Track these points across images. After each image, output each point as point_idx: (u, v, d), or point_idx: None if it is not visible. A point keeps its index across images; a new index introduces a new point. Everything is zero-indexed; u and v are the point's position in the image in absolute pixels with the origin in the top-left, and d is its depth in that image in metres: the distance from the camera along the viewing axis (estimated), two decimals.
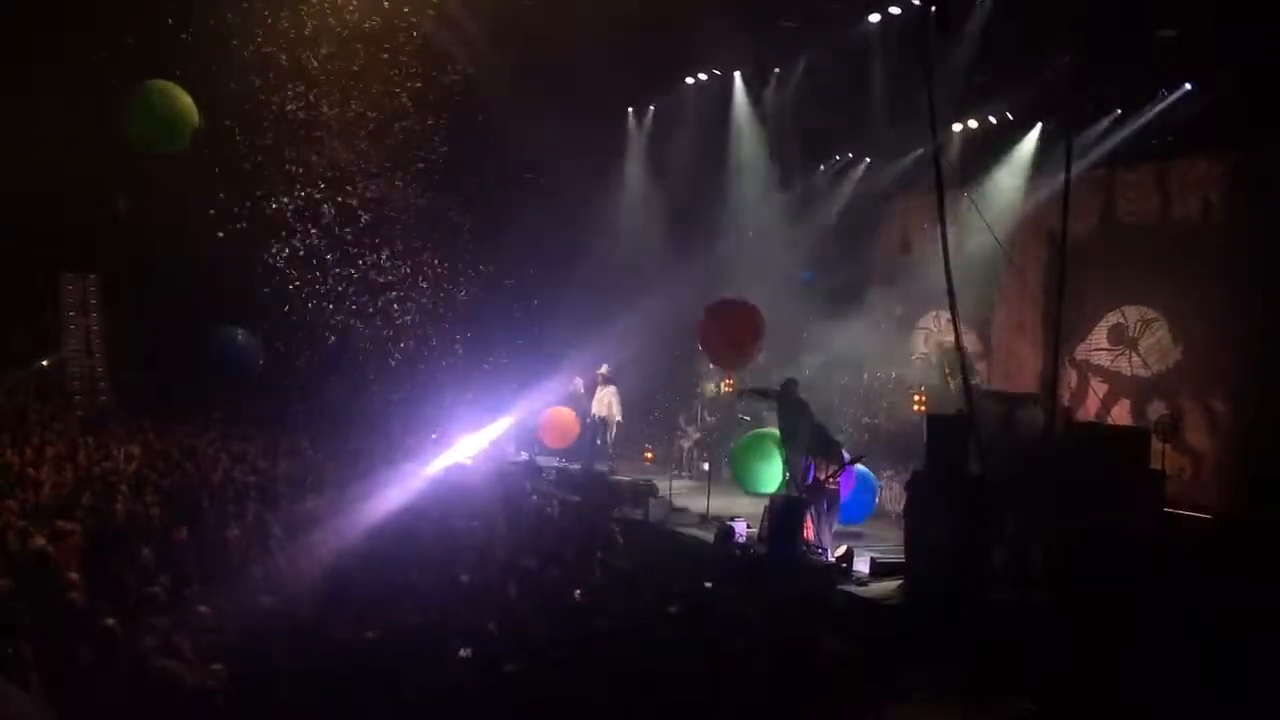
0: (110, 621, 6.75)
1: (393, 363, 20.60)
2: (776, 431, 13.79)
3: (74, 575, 7.86)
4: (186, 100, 13.12)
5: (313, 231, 20.20)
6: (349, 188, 20.08)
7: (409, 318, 20.81)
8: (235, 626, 7.32)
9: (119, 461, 13.78)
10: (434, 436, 18.64)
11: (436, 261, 20.95)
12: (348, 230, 20.34)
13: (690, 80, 19.21)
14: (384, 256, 20.56)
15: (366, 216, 20.40)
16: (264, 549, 9.54)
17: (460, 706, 6.28)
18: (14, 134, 17.73)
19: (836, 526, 12.32)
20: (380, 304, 20.40)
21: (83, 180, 18.40)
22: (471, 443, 17.88)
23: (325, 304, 20.45)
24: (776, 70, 18.11)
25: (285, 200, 19.90)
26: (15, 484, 11.59)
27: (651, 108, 20.53)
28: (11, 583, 7.55)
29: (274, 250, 20.00)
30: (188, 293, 19.78)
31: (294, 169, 19.69)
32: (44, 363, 21.39)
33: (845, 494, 12.77)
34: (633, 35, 16.58)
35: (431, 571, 8.97)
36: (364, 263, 20.46)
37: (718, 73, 18.97)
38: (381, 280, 20.58)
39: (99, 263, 21.05)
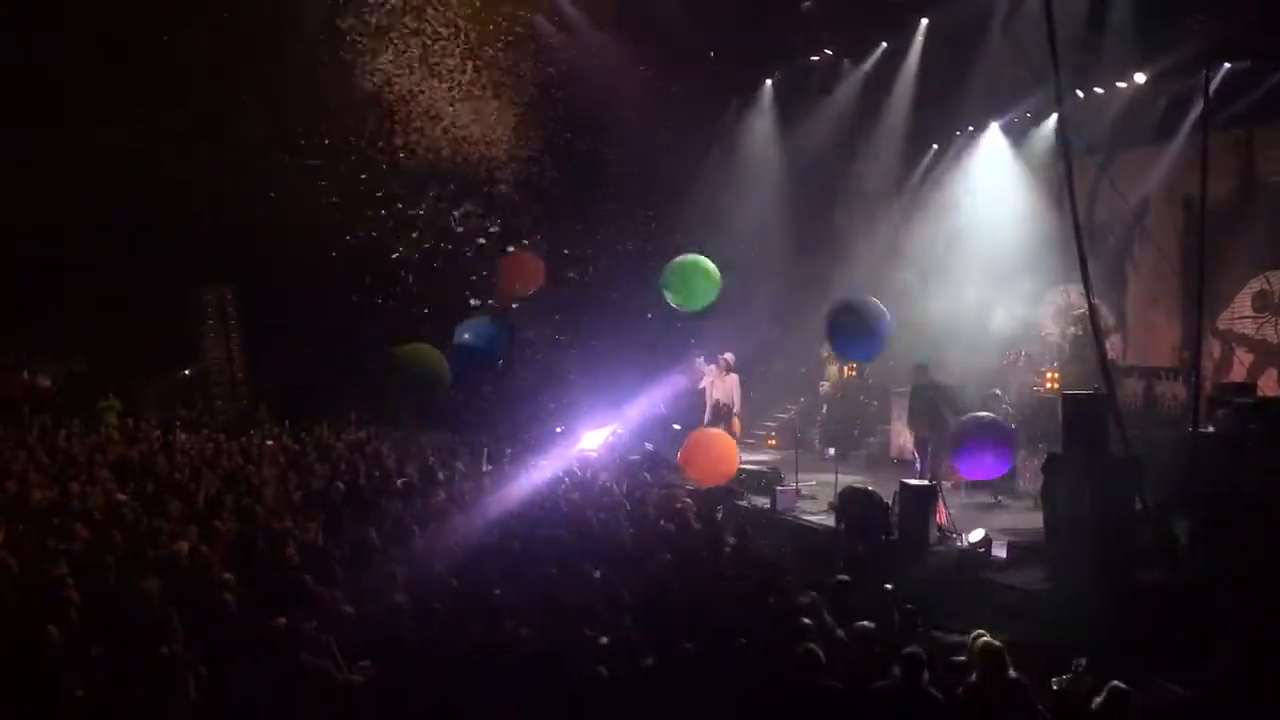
0: (281, 620, 6.95)
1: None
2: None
3: (227, 575, 8.13)
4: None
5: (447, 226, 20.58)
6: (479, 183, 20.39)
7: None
8: (377, 625, 7.50)
9: (261, 464, 14.24)
10: (559, 430, 18.79)
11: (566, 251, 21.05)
12: (477, 222, 20.63)
13: (813, 58, 19.03)
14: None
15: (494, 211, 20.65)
16: (404, 548, 9.73)
17: (599, 700, 6.31)
18: (147, 149, 18.48)
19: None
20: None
21: (214, 192, 19.05)
22: (596, 435, 17.95)
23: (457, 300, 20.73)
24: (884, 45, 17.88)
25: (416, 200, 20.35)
26: (167, 489, 12.08)
27: (768, 86, 20.34)
28: (161, 584, 7.82)
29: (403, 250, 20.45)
30: (322, 298, 20.32)
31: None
32: (186, 371, 22.27)
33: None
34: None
35: (562, 565, 9.04)
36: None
37: (829, 52, 18.73)
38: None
39: (236, 271, 21.73)
